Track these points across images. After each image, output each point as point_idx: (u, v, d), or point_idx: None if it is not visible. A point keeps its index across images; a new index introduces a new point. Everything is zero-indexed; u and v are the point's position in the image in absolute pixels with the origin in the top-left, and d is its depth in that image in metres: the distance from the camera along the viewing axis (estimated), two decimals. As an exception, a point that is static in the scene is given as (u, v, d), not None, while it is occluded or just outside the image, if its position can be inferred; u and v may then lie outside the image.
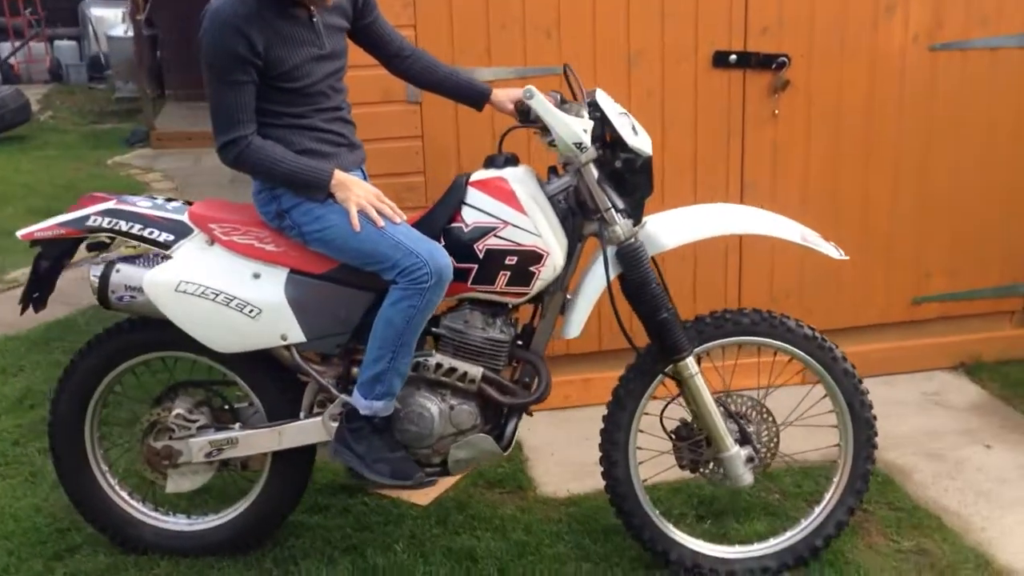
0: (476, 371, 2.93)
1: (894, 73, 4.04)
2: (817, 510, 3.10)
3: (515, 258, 2.85)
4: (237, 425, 3.10)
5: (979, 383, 4.27)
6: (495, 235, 2.85)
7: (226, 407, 3.20)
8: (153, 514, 3.26)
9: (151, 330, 3.08)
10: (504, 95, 3.13)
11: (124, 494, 3.26)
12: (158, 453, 3.10)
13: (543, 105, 2.73)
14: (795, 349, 3.00)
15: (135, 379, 3.26)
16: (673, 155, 3.92)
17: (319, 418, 3.03)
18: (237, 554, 3.20)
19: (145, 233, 2.96)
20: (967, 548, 3.17)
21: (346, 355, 3.01)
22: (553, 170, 3.00)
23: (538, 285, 2.88)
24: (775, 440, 3.07)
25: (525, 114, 3.06)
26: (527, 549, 3.20)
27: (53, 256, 3.06)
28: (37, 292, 3.10)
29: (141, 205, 3.03)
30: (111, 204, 3.01)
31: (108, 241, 3.07)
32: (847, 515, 3.08)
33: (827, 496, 3.10)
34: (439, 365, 2.93)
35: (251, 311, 2.90)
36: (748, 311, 3.00)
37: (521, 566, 3.12)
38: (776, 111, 3.97)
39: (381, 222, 2.77)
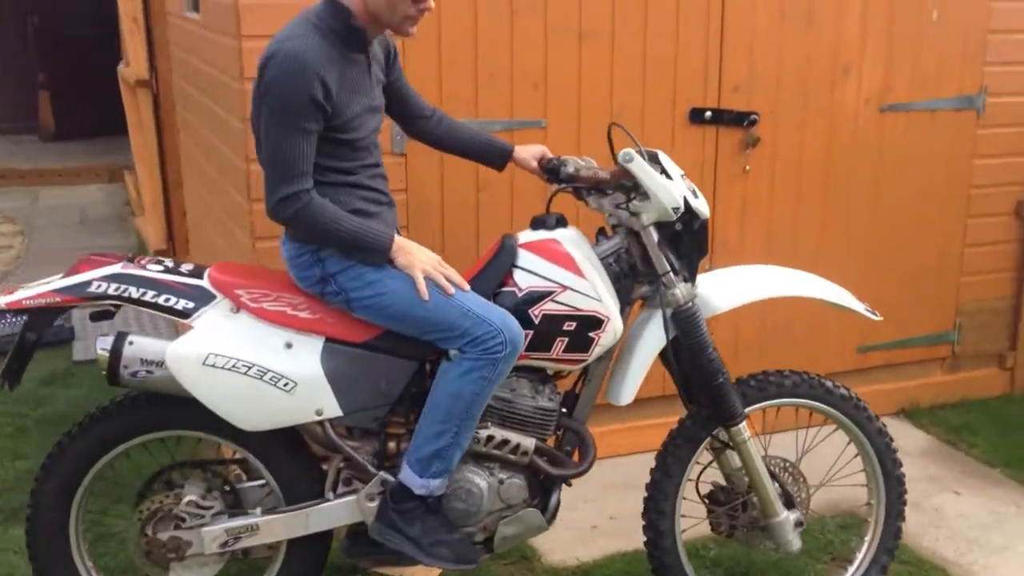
0: (529, 442, 2.78)
1: (848, 132, 4.19)
2: (851, 569, 3.12)
3: (574, 323, 2.73)
4: (258, 510, 2.80)
5: (922, 428, 4.46)
6: (552, 300, 2.72)
7: (227, 488, 2.90)
8: (145, 614, 2.91)
9: (155, 407, 2.76)
10: (527, 152, 3.03)
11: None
12: (164, 545, 2.76)
13: (643, 169, 2.64)
14: (834, 411, 3.01)
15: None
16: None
17: (350, 498, 2.79)
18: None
19: (160, 300, 2.65)
20: (982, 598, 3.28)
21: (381, 429, 2.79)
22: (601, 232, 2.90)
23: (597, 351, 2.77)
24: (808, 503, 3.07)
25: (554, 172, 2.97)
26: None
27: (42, 326, 2.69)
28: (17, 366, 2.72)
29: (152, 268, 2.70)
30: (117, 268, 2.68)
31: (112, 309, 2.73)
32: (880, 573, 3.11)
33: (859, 555, 3.13)
34: (490, 437, 2.76)
35: (286, 384, 2.64)
36: (787, 373, 3.00)
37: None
38: (747, 167, 4.02)
39: (451, 289, 2.59)
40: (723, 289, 2.91)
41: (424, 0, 2.53)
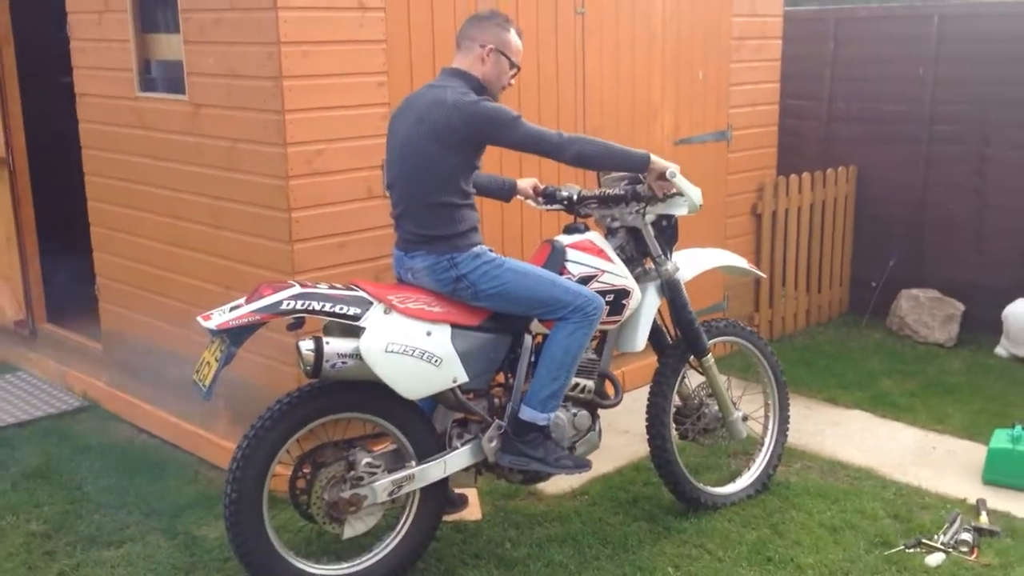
0: (591, 383, 3.90)
1: (658, 160, 5.70)
2: (764, 450, 4.52)
3: (612, 296, 3.88)
4: (412, 462, 3.64)
5: (725, 372, 6.02)
6: (597, 280, 3.86)
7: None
8: (318, 566, 3.60)
9: (325, 397, 3.52)
10: (525, 184, 4.16)
11: (292, 554, 3.56)
12: (348, 502, 3.51)
13: (683, 180, 3.83)
14: (746, 343, 4.43)
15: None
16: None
17: (470, 444, 3.72)
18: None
19: (336, 309, 3.44)
20: (828, 459, 4.85)
21: (488, 389, 3.76)
22: (609, 232, 4.08)
23: (626, 313, 3.94)
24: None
25: (550, 197, 4.12)
26: (599, 524, 4.16)
27: (240, 343, 3.37)
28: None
29: (321, 287, 3.49)
30: (297, 289, 3.43)
31: (295, 322, 3.47)
32: (782, 448, 4.55)
33: (767, 439, 4.54)
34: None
35: (436, 361, 3.54)
36: (720, 319, 4.37)
37: (611, 529, 4.09)
38: (604, 190, 5.38)
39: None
40: (686, 264, 4.21)
41: (514, 73, 3.68)
